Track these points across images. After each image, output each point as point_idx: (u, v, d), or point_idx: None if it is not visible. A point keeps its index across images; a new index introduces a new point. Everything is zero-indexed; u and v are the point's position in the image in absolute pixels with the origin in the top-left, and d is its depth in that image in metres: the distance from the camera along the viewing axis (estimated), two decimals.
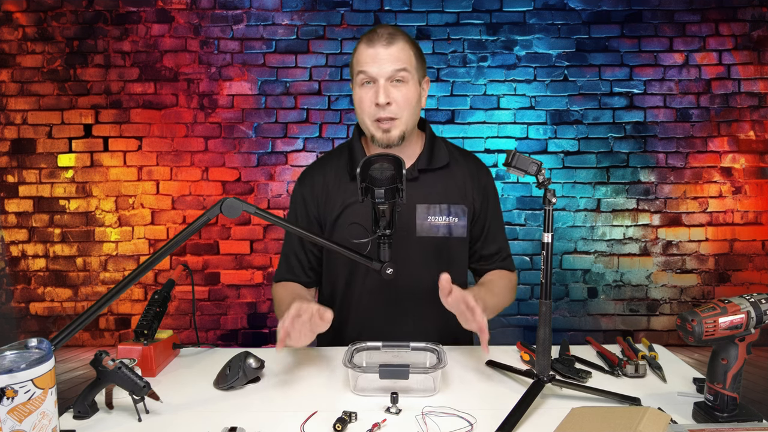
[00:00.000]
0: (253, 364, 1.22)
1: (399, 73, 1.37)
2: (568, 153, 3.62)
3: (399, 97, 1.38)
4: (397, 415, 1.06)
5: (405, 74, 1.38)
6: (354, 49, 1.44)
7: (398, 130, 1.40)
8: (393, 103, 1.37)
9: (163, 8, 3.59)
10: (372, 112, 1.39)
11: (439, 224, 1.48)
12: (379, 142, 1.42)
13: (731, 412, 1.00)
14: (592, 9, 3.58)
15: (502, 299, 1.50)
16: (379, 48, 1.36)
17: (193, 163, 3.64)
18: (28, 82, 3.61)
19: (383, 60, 1.36)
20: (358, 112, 1.44)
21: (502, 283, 1.53)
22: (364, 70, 1.37)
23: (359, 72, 1.38)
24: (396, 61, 1.36)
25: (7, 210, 3.65)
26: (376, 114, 1.38)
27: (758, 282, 3.61)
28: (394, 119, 1.39)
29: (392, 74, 1.36)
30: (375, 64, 1.36)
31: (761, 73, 3.57)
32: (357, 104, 1.42)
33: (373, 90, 1.37)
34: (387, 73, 1.36)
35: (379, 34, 1.37)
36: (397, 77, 1.37)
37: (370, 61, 1.36)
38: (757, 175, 3.61)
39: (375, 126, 1.40)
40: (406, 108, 1.39)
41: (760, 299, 1.00)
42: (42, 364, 0.87)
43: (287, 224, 1.23)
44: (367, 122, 1.41)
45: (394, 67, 1.36)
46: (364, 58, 1.37)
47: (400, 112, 1.39)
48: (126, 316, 3.67)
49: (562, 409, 1.04)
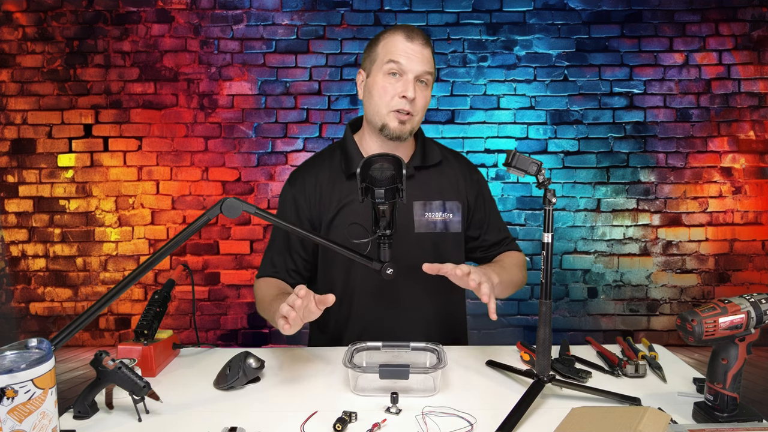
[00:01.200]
0: (253, 364, 1.22)
1: (426, 75, 1.41)
2: (568, 153, 3.62)
3: (421, 97, 1.42)
4: (397, 415, 1.06)
5: (429, 78, 1.42)
6: (377, 38, 1.44)
7: (411, 126, 1.44)
8: (416, 101, 1.40)
9: (163, 8, 3.59)
10: (394, 102, 1.40)
11: (436, 220, 1.50)
12: (392, 131, 1.42)
13: (731, 412, 1.00)
14: (592, 9, 3.58)
15: (514, 274, 1.52)
16: (417, 45, 1.39)
17: (193, 163, 3.64)
18: (28, 82, 3.61)
19: (419, 58, 1.38)
20: (375, 99, 1.42)
21: (509, 260, 1.57)
22: (399, 62, 1.38)
23: (391, 61, 1.38)
24: (427, 63, 1.40)
25: (7, 210, 3.66)
26: (398, 105, 1.39)
27: (758, 282, 3.61)
28: (410, 115, 1.41)
29: (422, 74, 1.40)
30: (411, 58, 1.38)
31: (761, 73, 3.57)
32: (378, 91, 1.41)
33: (402, 82, 1.39)
34: (418, 71, 1.39)
35: (417, 33, 1.40)
36: (423, 78, 1.41)
37: (405, 55, 1.38)
38: (757, 175, 3.61)
39: (392, 116, 1.41)
40: (422, 109, 1.44)
41: (760, 299, 1.00)
42: (42, 364, 0.87)
43: (287, 225, 1.23)
44: (383, 111, 1.42)
45: (425, 68, 1.39)
46: (400, 49, 1.38)
47: (418, 111, 1.42)
48: (126, 316, 3.67)
49: (562, 409, 1.04)
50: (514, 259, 1.59)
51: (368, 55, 1.46)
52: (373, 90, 1.42)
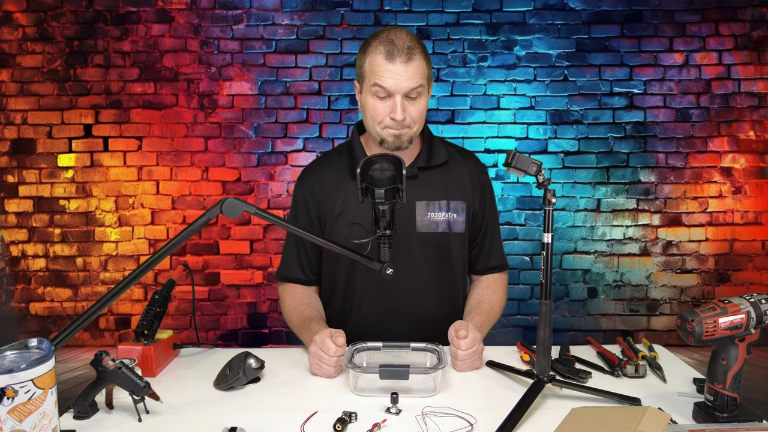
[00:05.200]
0: (253, 365, 1.22)
1: (416, 90, 1.37)
2: (568, 153, 3.62)
3: (414, 111, 1.39)
4: (397, 415, 1.06)
5: (421, 89, 1.38)
6: (363, 51, 1.40)
7: (408, 136, 1.42)
8: (408, 117, 1.38)
9: (163, 8, 3.59)
10: (386, 122, 1.39)
11: (438, 220, 1.49)
12: (390, 146, 1.42)
13: (731, 412, 1.00)
14: (592, 9, 3.58)
15: (496, 319, 1.56)
16: (399, 65, 1.33)
17: (193, 163, 3.64)
18: (28, 82, 3.61)
19: (403, 77, 1.34)
20: (368, 118, 1.42)
21: (496, 305, 1.57)
22: (383, 86, 1.35)
23: (375, 85, 1.36)
24: (414, 78, 1.35)
25: (7, 210, 3.65)
26: (389, 124, 1.39)
27: (758, 282, 3.61)
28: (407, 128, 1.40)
29: (410, 91, 1.36)
30: (394, 80, 1.34)
31: (761, 73, 3.57)
32: (369, 112, 1.40)
33: (389, 104, 1.37)
34: (405, 90, 1.35)
35: (399, 49, 1.33)
36: (412, 94, 1.37)
37: (388, 77, 1.34)
38: (757, 175, 3.60)
39: (387, 132, 1.41)
40: (418, 118, 1.41)
41: (760, 299, 1.00)
42: (42, 364, 0.87)
43: (287, 224, 1.23)
44: (377, 129, 1.41)
45: (411, 85, 1.35)
46: (382, 72, 1.34)
47: (414, 123, 1.40)
48: (126, 316, 3.67)
49: (562, 410, 1.04)
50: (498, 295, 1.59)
51: (358, 68, 1.44)
52: (365, 109, 1.42)
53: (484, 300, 1.55)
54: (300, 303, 1.53)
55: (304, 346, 1.43)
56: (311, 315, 1.46)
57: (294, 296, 1.56)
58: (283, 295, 1.59)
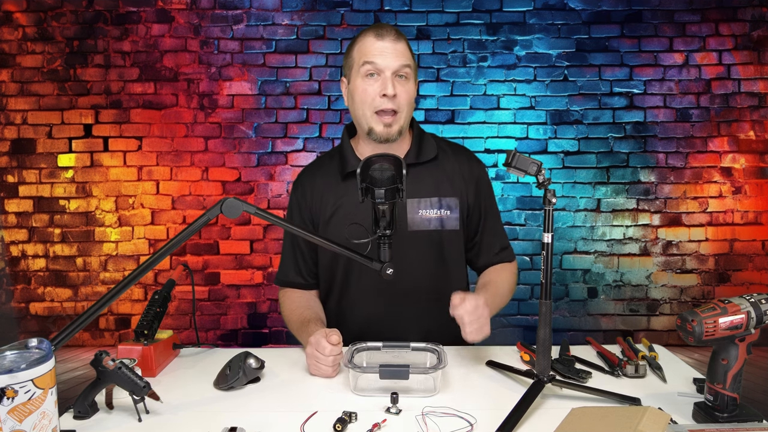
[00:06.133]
0: (253, 364, 1.22)
1: (404, 69, 1.40)
2: (568, 153, 3.62)
3: (402, 91, 1.41)
4: (397, 415, 1.06)
5: (408, 71, 1.41)
6: (352, 42, 1.45)
7: (398, 125, 1.43)
8: (397, 96, 1.40)
9: (163, 8, 3.59)
10: (377, 103, 1.40)
11: (430, 217, 1.48)
12: (378, 135, 1.42)
13: (731, 412, 1.00)
14: (592, 9, 3.58)
15: (506, 298, 1.52)
16: (388, 42, 1.38)
17: (193, 163, 3.64)
18: (28, 82, 3.61)
19: (392, 54, 1.38)
20: (357, 104, 1.43)
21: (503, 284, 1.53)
22: (373, 61, 1.38)
23: (366, 63, 1.39)
24: (402, 57, 1.39)
25: (7, 210, 3.65)
26: (380, 105, 1.39)
27: (758, 282, 3.61)
28: (395, 113, 1.41)
29: (399, 69, 1.39)
30: (384, 56, 1.38)
31: (761, 73, 3.57)
32: (359, 95, 1.42)
33: (380, 82, 1.39)
34: (394, 67, 1.38)
35: (387, 29, 1.40)
36: (401, 72, 1.40)
37: (378, 53, 1.38)
38: (757, 175, 3.60)
39: (375, 119, 1.41)
40: (407, 104, 1.42)
41: (760, 299, 1.00)
42: (42, 364, 0.87)
43: (287, 224, 1.23)
44: (367, 114, 1.42)
45: (401, 62, 1.39)
46: (372, 49, 1.39)
47: (402, 106, 1.41)
48: (126, 316, 3.67)
49: (562, 409, 1.04)
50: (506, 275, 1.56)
51: (346, 62, 1.47)
52: (354, 94, 1.43)
53: (490, 281, 1.53)
54: (299, 306, 1.53)
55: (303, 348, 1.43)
56: (309, 317, 1.46)
57: (293, 300, 1.56)
58: (282, 300, 1.60)
